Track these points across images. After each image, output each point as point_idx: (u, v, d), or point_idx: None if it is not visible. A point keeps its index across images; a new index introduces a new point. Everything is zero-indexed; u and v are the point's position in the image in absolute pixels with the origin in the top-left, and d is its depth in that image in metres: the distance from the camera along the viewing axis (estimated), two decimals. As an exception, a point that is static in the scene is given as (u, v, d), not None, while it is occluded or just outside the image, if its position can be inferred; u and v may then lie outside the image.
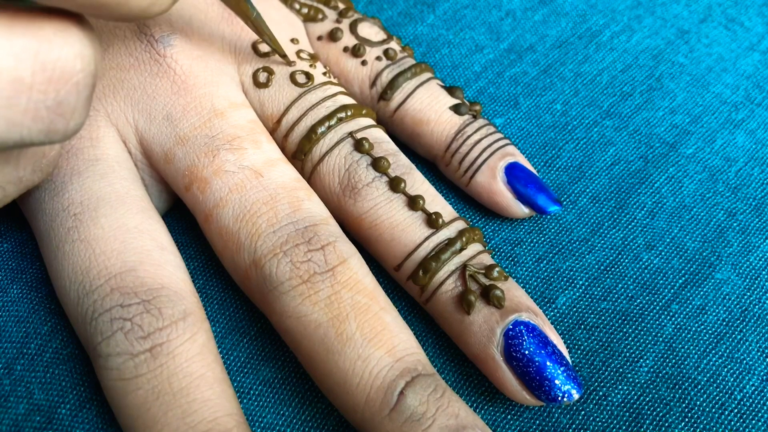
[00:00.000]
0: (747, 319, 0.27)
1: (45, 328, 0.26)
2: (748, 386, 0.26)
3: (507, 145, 0.29)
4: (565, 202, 0.30)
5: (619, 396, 0.25)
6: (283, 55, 0.28)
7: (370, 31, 0.30)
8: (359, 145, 0.26)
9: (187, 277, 0.25)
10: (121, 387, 0.22)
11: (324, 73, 0.28)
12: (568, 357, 0.24)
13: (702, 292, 0.27)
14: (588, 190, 0.30)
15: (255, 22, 0.26)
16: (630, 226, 0.29)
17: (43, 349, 0.26)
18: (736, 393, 0.25)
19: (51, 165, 0.23)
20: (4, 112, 0.17)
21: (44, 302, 0.27)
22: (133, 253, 0.23)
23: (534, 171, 0.28)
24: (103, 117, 0.26)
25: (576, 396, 0.23)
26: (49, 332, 0.26)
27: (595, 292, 0.27)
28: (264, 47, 0.28)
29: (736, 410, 0.25)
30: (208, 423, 0.21)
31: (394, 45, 0.30)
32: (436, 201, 0.26)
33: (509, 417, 0.25)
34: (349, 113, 0.27)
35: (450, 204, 0.28)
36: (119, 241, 0.24)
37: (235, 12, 0.26)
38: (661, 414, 0.25)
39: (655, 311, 0.27)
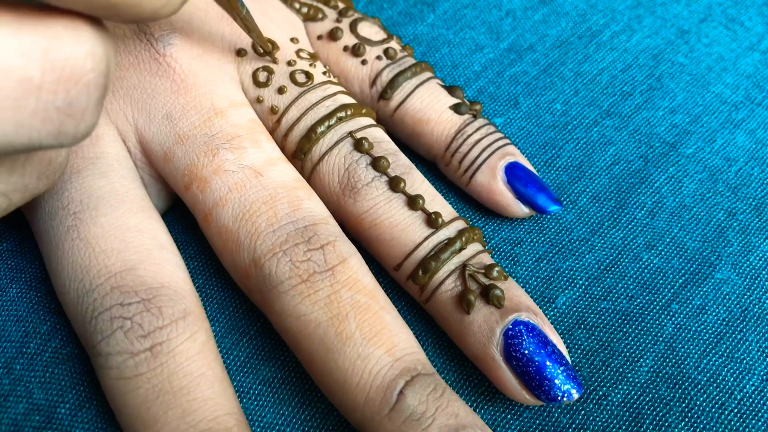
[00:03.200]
0: (747, 319, 0.27)
1: (44, 328, 0.26)
2: (748, 386, 0.26)
3: (507, 144, 0.29)
4: (565, 202, 0.30)
5: (619, 396, 0.25)
6: (269, 52, 0.27)
7: (370, 30, 0.30)
8: (359, 145, 0.26)
9: (187, 277, 0.25)
10: (121, 386, 0.22)
11: (324, 73, 0.28)
12: (567, 357, 0.24)
13: (702, 292, 0.27)
14: (588, 190, 0.30)
15: (244, 19, 0.26)
16: (630, 226, 0.29)
17: (42, 348, 0.26)
18: (736, 393, 0.25)
19: (57, 172, 0.22)
20: (13, 114, 0.16)
21: (43, 301, 0.26)
22: (133, 252, 0.23)
23: (534, 171, 0.28)
24: (102, 116, 0.26)
25: (576, 396, 0.23)
26: (48, 331, 0.26)
27: (595, 292, 0.27)
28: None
29: (736, 410, 0.25)
30: (208, 422, 0.21)
31: (394, 44, 0.30)
32: (435, 200, 0.26)
33: (509, 416, 0.25)
34: (348, 113, 0.27)
35: (450, 204, 0.28)
36: (119, 240, 0.24)
37: (225, 9, 0.25)
38: (661, 414, 0.25)
39: (655, 311, 0.27)
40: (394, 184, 0.26)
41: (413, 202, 0.26)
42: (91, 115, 0.18)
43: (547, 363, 0.23)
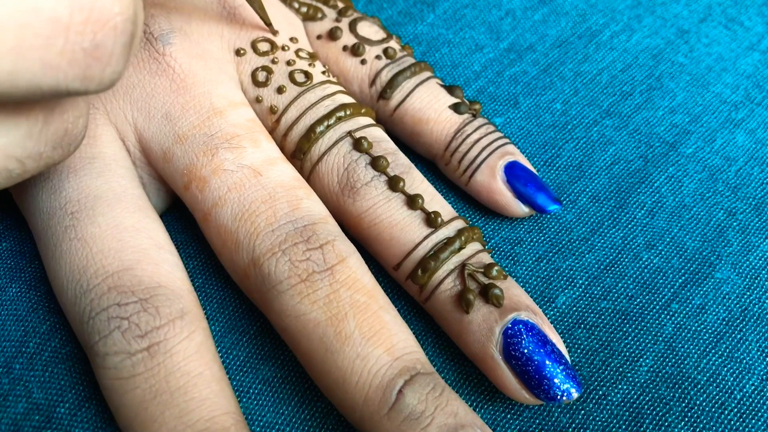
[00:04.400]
0: (747, 319, 0.27)
1: (44, 327, 0.26)
2: (748, 386, 0.25)
3: (507, 144, 0.29)
4: (564, 202, 0.30)
5: (618, 395, 0.25)
6: (269, 24, 0.28)
7: (369, 30, 0.30)
8: (358, 144, 0.26)
9: (185, 276, 0.25)
10: (119, 386, 0.22)
11: (323, 72, 0.28)
12: (567, 356, 0.24)
13: (702, 292, 0.27)
14: (588, 190, 0.30)
15: None
16: (630, 226, 0.29)
17: (41, 347, 0.26)
18: (736, 392, 0.25)
19: (73, 144, 0.22)
20: (41, 54, 0.16)
21: (43, 301, 0.26)
22: (131, 252, 0.23)
23: (533, 170, 0.28)
24: (101, 115, 0.26)
25: (575, 395, 0.23)
26: (48, 331, 0.26)
27: (595, 292, 0.27)
28: (263, 46, 0.28)
29: (736, 410, 0.25)
30: (205, 422, 0.21)
31: (393, 44, 0.30)
32: (435, 200, 0.26)
33: (508, 416, 0.25)
34: (348, 112, 0.27)
35: (449, 203, 0.28)
36: (116, 239, 0.24)
37: None
38: (661, 413, 0.25)
39: (654, 310, 0.27)
40: (394, 183, 0.26)
41: (412, 201, 0.26)
42: (117, 61, 0.18)
43: (547, 362, 0.23)
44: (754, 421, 0.25)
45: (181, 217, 0.28)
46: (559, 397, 0.23)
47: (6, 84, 0.17)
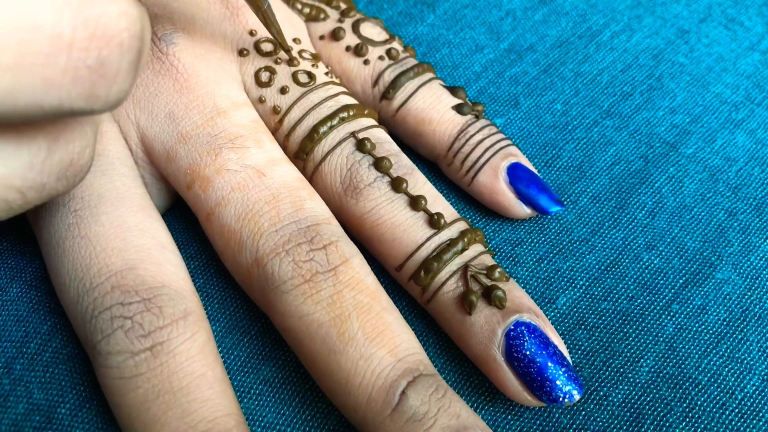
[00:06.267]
0: (748, 319, 0.27)
1: (44, 328, 0.26)
2: (749, 386, 0.26)
3: (509, 145, 0.29)
4: (565, 202, 0.30)
5: (619, 396, 0.25)
6: (287, 50, 0.27)
7: (372, 31, 0.30)
8: (361, 145, 0.26)
9: (187, 276, 0.24)
10: (121, 386, 0.22)
11: (326, 73, 0.28)
12: (569, 358, 0.24)
13: (703, 292, 0.28)
14: (588, 190, 0.30)
15: (265, 13, 0.25)
16: (630, 226, 0.29)
17: (42, 348, 0.26)
18: (737, 393, 0.25)
19: (79, 175, 0.21)
20: (42, 71, 0.16)
21: (44, 301, 0.26)
22: (134, 252, 0.23)
23: (536, 172, 0.28)
24: (105, 113, 0.26)
25: (577, 397, 0.23)
26: (48, 331, 0.26)
27: (596, 293, 0.27)
28: (266, 46, 0.28)
29: (737, 410, 0.25)
30: (207, 423, 0.21)
31: (396, 45, 0.30)
32: (437, 201, 0.26)
33: (510, 417, 0.25)
34: (351, 113, 0.27)
35: (450, 205, 0.28)
36: (120, 239, 0.24)
37: (247, 1, 0.25)
38: (662, 414, 0.25)
39: (655, 311, 0.27)
40: (397, 184, 0.26)
41: (415, 202, 0.26)
42: (123, 79, 0.18)
43: (549, 364, 0.23)
44: (755, 421, 0.25)
45: (182, 216, 0.28)
46: (560, 399, 0.23)
47: (5, 103, 0.16)
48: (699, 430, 0.25)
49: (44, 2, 0.15)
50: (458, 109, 0.29)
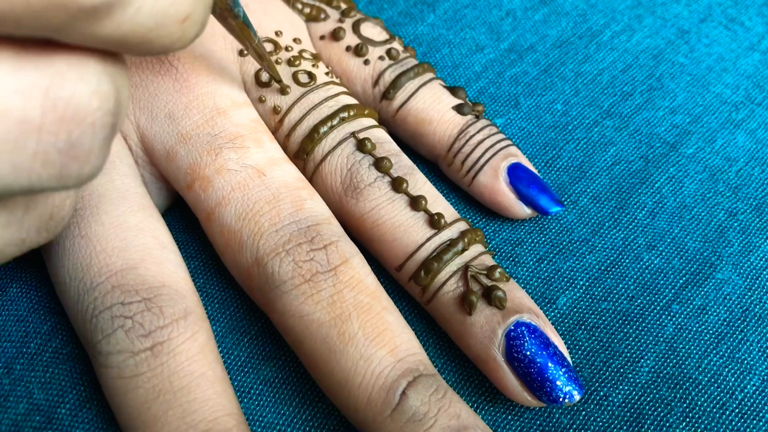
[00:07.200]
0: (748, 319, 0.27)
1: (45, 327, 0.26)
2: (749, 386, 0.26)
3: (509, 145, 0.29)
4: (565, 203, 0.30)
5: (620, 396, 0.25)
6: (279, 81, 0.27)
7: (372, 31, 0.30)
8: (361, 145, 0.26)
9: (188, 276, 0.25)
10: (121, 385, 0.22)
11: (326, 73, 0.28)
12: (569, 358, 0.24)
13: (703, 292, 0.28)
14: (588, 191, 0.30)
15: (257, 48, 0.25)
16: (631, 227, 0.29)
17: (42, 348, 0.26)
18: (737, 393, 0.25)
19: (59, 226, 0.21)
20: (10, 157, 0.15)
21: (44, 301, 0.26)
22: (134, 251, 0.23)
23: (536, 172, 0.28)
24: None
25: (577, 397, 0.23)
26: (48, 331, 0.26)
27: (596, 293, 0.27)
28: (266, 47, 0.28)
29: (737, 410, 0.25)
30: (208, 422, 0.21)
31: (396, 45, 0.30)
32: (437, 202, 0.26)
33: (510, 417, 0.25)
34: (351, 113, 0.27)
35: (450, 205, 0.28)
36: (120, 238, 0.24)
37: (238, 39, 0.25)
38: (662, 414, 0.25)
39: (655, 311, 0.27)
40: (397, 184, 0.26)
41: (416, 202, 0.26)
42: (96, 157, 0.17)
43: (549, 364, 0.23)
44: (755, 421, 0.25)
45: (182, 216, 0.28)
46: (561, 399, 0.23)
47: None
48: (699, 430, 0.25)
49: (10, 85, 0.15)
50: (458, 109, 0.29)
